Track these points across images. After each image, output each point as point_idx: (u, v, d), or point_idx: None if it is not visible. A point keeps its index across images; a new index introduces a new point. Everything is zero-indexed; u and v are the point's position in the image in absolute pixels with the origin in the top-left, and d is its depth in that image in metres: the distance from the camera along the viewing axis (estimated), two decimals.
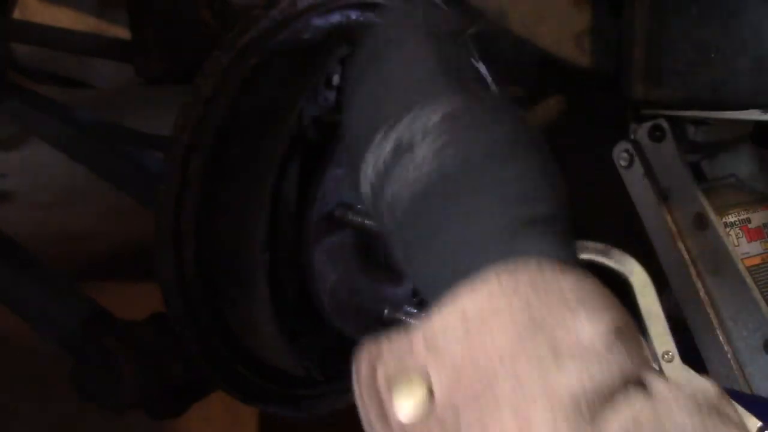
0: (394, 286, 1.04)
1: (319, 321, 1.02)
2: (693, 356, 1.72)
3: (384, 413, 0.58)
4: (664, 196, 1.71)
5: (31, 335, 1.28)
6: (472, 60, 1.11)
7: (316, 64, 0.94)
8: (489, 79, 1.13)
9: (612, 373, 0.55)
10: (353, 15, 1.04)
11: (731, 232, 1.68)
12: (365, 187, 0.69)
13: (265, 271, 0.92)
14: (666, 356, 0.74)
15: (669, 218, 1.71)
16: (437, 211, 0.64)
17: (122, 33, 1.64)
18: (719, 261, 1.66)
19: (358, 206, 0.95)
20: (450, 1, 1.12)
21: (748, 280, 1.63)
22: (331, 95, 0.96)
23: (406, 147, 0.64)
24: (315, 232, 0.94)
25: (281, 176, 0.93)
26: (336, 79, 0.95)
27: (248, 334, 0.97)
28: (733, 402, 0.66)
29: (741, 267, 1.65)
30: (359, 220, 0.94)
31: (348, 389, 0.65)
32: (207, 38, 1.04)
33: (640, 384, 0.57)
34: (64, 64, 1.73)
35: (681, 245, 1.70)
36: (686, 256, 1.69)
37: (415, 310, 1.05)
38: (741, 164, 1.79)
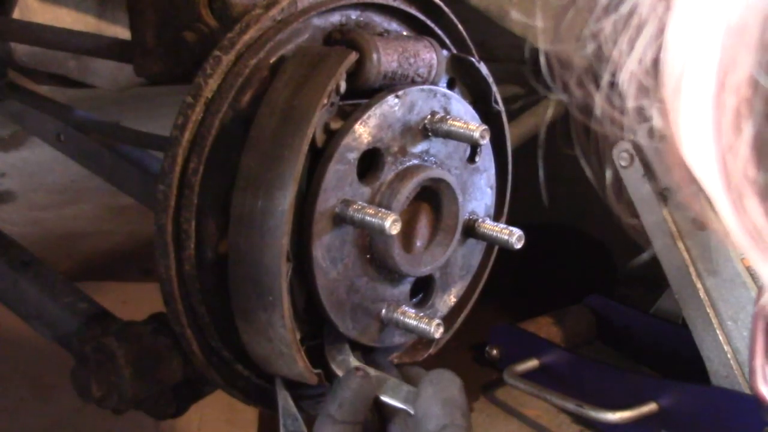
0: (393, 285, 1.04)
1: (322, 325, 1.02)
2: (693, 356, 1.72)
3: None
4: (664, 196, 1.72)
5: (31, 335, 1.28)
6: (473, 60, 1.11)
7: (329, 72, 0.93)
8: (490, 79, 1.13)
9: None
10: (353, 15, 1.04)
11: None
12: None
13: (287, 281, 0.92)
14: None
15: (669, 218, 1.71)
16: None
17: (122, 33, 1.64)
18: (719, 261, 1.66)
19: (359, 202, 0.95)
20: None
21: (748, 280, 1.64)
22: (337, 100, 0.96)
23: None
24: (316, 228, 0.94)
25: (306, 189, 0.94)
26: (343, 86, 0.95)
27: (262, 343, 0.97)
28: None
29: (741, 267, 1.65)
30: (359, 216, 0.94)
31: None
32: (207, 38, 1.04)
33: None
34: (64, 64, 1.73)
35: (681, 245, 1.70)
36: (686, 256, 1.69)
37: (413, 310, 1.05)
38: None
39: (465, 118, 1.06)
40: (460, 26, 1.13)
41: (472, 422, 0.93)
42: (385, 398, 0.96)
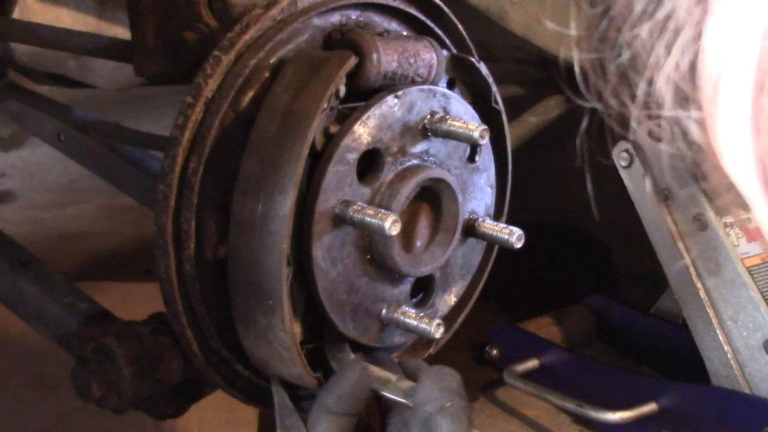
0: (393, 285, 1.04)
1: (322, 327, 1.02)
2: (693, 356, 1.72)
3: None
4: (664, 196, 1.72)
5: (31, 335, 1.28)
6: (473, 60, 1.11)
7: (329, 76, 0.93)
8: (490, 79, 1.13)
9: None
10: (353, 15, 1.04)
11: (731, 232, 1.68)
12: None
13: (288, 285, 0.92)
14: None
15: (669, 218, 1.71)
16: None
17: (122, 33, 1.63)
18: (719, 261, 1.66)
19: (359, 203, 0.95)
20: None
21: (748, 280, 1.64)
22: (336, 104, 0.96)
23: None
24: (316, 229, 0.94)
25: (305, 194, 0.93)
26: (342, 90, 0.95)
27: (262, 346, 0.97)
28: None
29: (741, 267, 1.65)
30: (359, 217, 0.94)
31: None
32: (207, 38, 1.04)
33: None
34: (64, 64, 1.73)
35: (681, 245, 1.70)
36: (686, 256, 1.69)
37: (414, 310, 1.05)
38: None
39: (465, 117, 1.06)
40: (460, 26, 1.13)
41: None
42: (385, 393, 0.96)
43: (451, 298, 1.14)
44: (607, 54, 0.51)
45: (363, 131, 0.96)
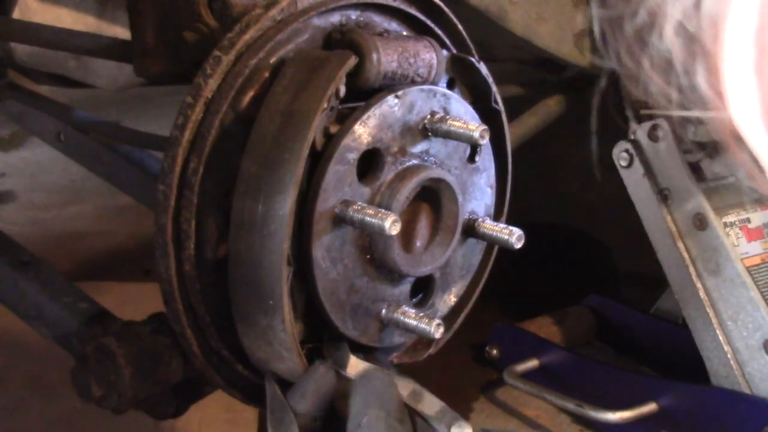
0: (393, 285, 1.04)
1: (322, 327, 1.02)
2: (693, 356, 1.72)
3: None
4: (664, 196, 1.72)
5: (31, 335, 1.28)
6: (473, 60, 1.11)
7: (329, 76, 0.93)
8: (490, 79, 1.13)
9: None
10: (353, 15, 1.04)
11: (731, 232, 1.68)
12: None
13: (288, 285, 0.92)
14: None
15: (669, 218, 1.71)
16: None
17: (122, 33, 1.63)
18: (719, 261, 1.66)
19: (359, 203, 0.95)
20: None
21: (748, 280, 1.64)
22: (337, 104, 0.96)
23: None
24: (316, 228, 0.94)
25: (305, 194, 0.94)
26: (342, 90, 0.95)
27: (262, 346, 0.97)
28: None
29: (740, 267, 1.65)
30: (359, 217, 0.94)
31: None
32: (207, 38, 1.04)
33: None
34: (64, 64, 1.73)
35: (681, 245, 1.70)
36: (686, 256, 1.69)
37: (413, 310, 1.05)
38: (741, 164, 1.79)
39: (465, 118, 1.06)
40: (460, 26, 1.13)
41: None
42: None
43: (451, 299, 1.14)
44: (624, 12, 0.51)
45: (363, 131, 0.96)
